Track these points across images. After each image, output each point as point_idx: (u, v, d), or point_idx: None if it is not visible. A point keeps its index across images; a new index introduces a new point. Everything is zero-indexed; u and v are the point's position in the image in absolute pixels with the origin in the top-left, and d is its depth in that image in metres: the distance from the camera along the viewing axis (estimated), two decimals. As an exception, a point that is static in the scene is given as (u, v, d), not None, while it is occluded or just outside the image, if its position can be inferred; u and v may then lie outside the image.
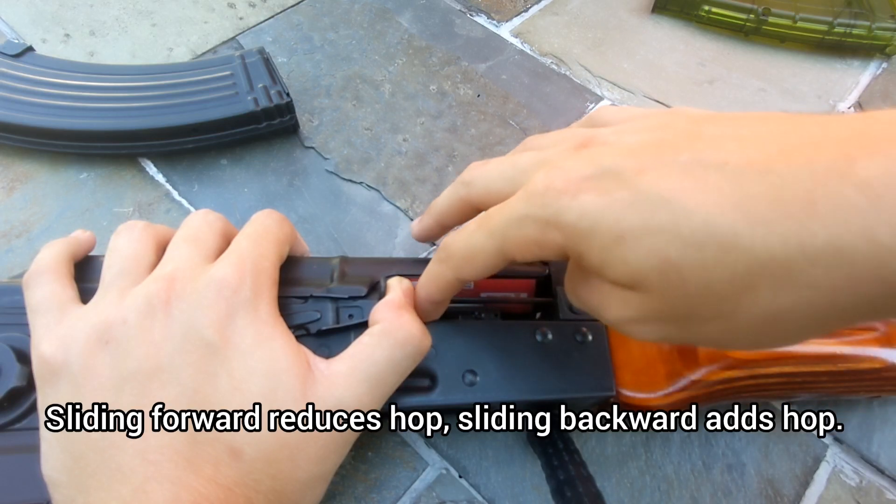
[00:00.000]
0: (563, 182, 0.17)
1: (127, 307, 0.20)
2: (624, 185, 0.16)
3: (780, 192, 0.14)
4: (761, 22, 0.48)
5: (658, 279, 0.16)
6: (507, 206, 0.19)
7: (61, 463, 0.19)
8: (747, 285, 0.14)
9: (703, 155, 0.15)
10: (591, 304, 0.19)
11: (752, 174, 0.14)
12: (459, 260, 0.21)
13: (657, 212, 0.15)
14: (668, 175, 0.15)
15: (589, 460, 0.28)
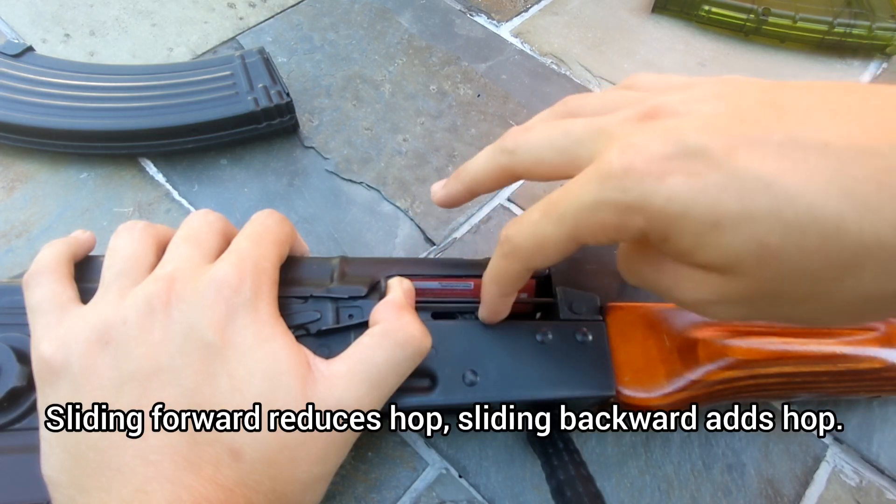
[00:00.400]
0: (644, 162, 0.16)
1: (127, 307, 0.20)
2: (715, 167, 0.15)
3: (886, 175, 0.13)
4: (761, 22, 0.48)
5: (754, 264, 0.15)
6: (577, 190, 0.18)
7: (61, 463, 0.19)
8: (851, 270, 0.14)
9: (799, 132, 0.14)
10: (660, 285, 0.19)
11: (855, 154, 0.13)
12: (528, 251, 0.20)
13: (757, 196, 0.14)
14: (764, 156, 0.14)
15: (589, 460, 0.28)
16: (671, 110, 0.17)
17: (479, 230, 0.37)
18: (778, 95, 0.16)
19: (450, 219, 0.37)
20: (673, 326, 0.26)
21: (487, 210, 0.38)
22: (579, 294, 0.26)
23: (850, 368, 0.26)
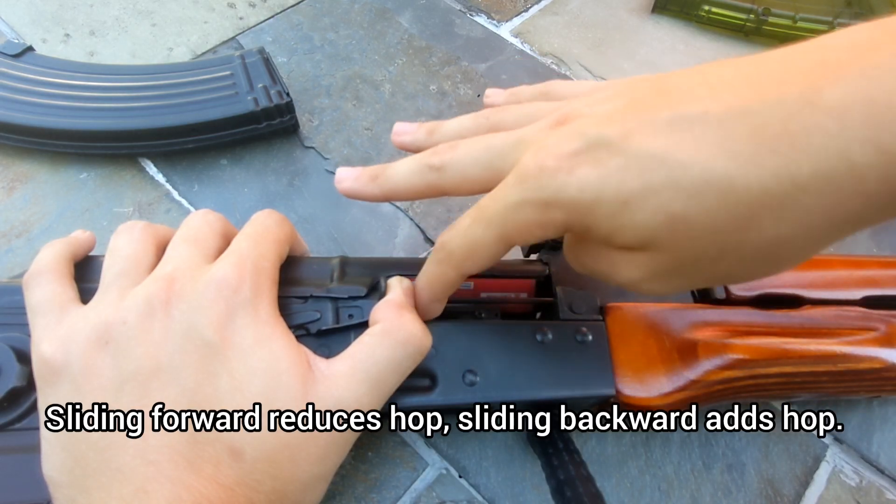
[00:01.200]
0: (554, 160, 0.17)
1: (127, 307, 0.20)
2: (616, 152, 0.16)
3: (761, 131, 0.14)
4: (761, 22, 0.48)
5: (668, 234, 0.16)
6: (501, 194, 0.19)
7: (62, 463, 0.19)
8: (750, 221, 0.15)
9: (682, 108, 0.16)
10: (599, 271, 0.20)
11: (732, 117, 0.15)
12: (461, 257, 0.21)
13: (655, 171, 0.16)
14: (655, 133, 0.16)
15: (589, 460, 0.28)
16: (578, 113, 0.19)
17: (479, 230, 0.37)
18: (665, 82, 0.18)
19: (450, 219, 0.37)
20: (673, 326, 0.26)
21: (487, 210, 0.38)
22: (579, 294, 0.26)
23: (850, 368, 0.26)
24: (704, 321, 0.26)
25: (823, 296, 0.28)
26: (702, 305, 0.27)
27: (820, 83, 0.14)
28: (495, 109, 0.24)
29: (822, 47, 0.15)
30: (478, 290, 0.27)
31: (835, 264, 0.29)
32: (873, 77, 0.13)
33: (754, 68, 0.16)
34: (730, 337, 0.26)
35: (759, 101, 0.15)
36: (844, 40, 0.15)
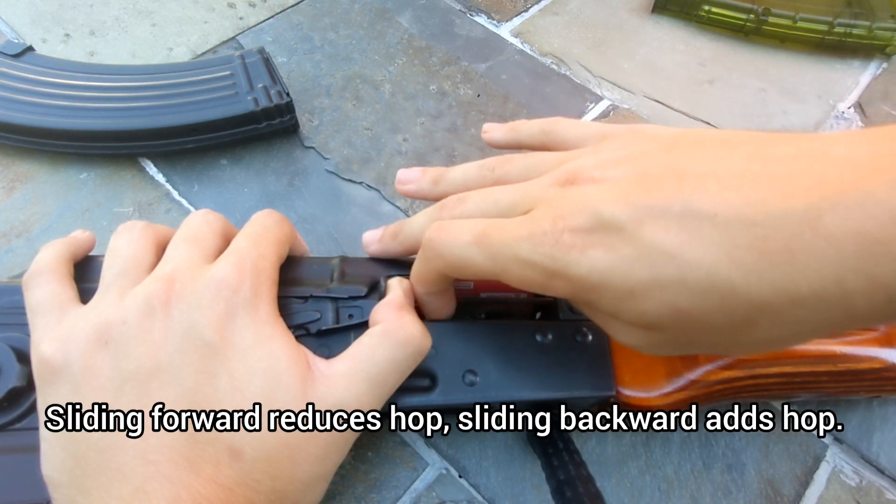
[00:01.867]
0: (570, 235, 0.18)
1: (127, 307, 0.20)
2: (628, 240, 0.17)
3: (764, 243, 0.15)
4: (761, 22, 0.48)
5: (670, 322, 0.17)
6: (513, 240, 0.19)
7: (61, 463, 0.19)
8: (746, 324, 0.16)
9: (693, 203, 0.16)
10: (601, 325, 0.21)
11: (738, 225, 0.16)
12: (450, 266, 0.21)
13: (664, 267, 0.16)
14: (667, 228, 0.17)
15: (589, 460, 0.28)
16: (588, 176, 0.20)
17: (479, 230, 0.37)
18: (678, 159, 0.18)
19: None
20: (673, 326, 0.26)
21: (487, 210, 0.38)
22: (579, 294, 0.26)
23: (849, 368, 0.26)
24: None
25: None
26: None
27: (821, 205, 0.15)
28: (500, 160, 0.25)
29: (827, 160, 0.16)
30: (478, 290, 0.27)
31: None
32: (869, 208, 0.14)
33: (762, 167, 0.16)
34: (730, 337, 0.26)
35: (764, 213, 0.15)
36: (848, 155, 0.15)
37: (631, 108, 0.45)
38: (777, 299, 0.15)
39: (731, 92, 0.46)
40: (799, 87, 0.47)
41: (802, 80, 0.47)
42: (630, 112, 0.44)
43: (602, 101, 0.45)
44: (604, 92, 0.46)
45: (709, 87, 0.47)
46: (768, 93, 0.46)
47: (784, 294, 0.15)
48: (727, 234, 0.16)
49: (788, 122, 0.45)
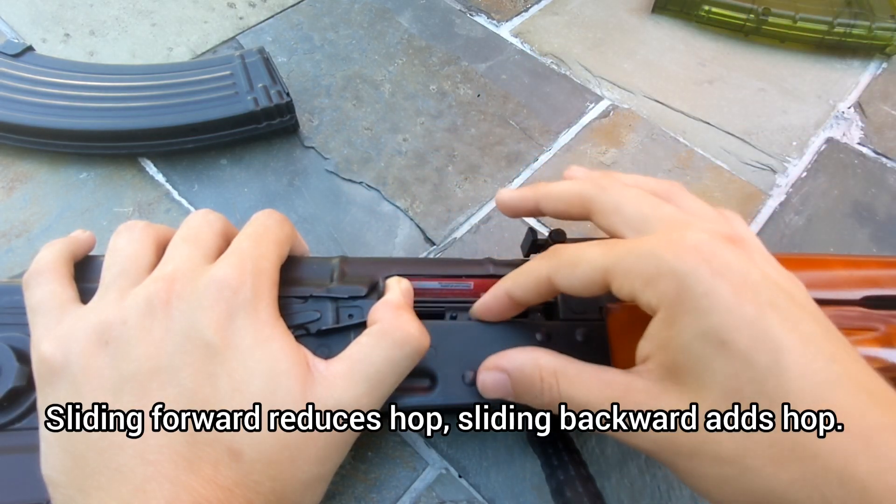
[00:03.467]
0: (752, 295, 0.19)
1: (127, 307, 0.20)
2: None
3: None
4: (761, 22, 0.48)
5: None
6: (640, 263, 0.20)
7: (61, 463, 0.19)
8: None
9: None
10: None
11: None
12: (569, 282, 0.21)
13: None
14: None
15: (589, 460, 0.28)
16: (746, 245, 0.21)
17: (478, 230, 0.37)
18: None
19: (450, 219, 0.37)
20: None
21: (487, 210, 0.38)
22: (579, 294, 0.26)
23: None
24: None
25: (823, 296, 0.28)
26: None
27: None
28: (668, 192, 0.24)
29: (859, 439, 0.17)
30: (478, 290, 0.27)
31: (834, 264, 0.29)
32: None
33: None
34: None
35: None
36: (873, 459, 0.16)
37: (631, 108, 0.45)
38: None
39: (731, 92, 0.46)
40: (799, 86, 0.47)
41: (802, 80, 0.47)
42: (630, 112, 0.44)
43: (602, 101, 0.45)
44: (604, 92, 0.46)
45: (709, 86, 0.47)
46: (768, 93, 0.46)
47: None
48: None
49: (788, 122, 0.45)
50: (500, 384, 0.23)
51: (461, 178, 0.39)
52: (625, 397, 0.20)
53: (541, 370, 0.22)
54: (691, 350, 0.18)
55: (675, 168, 0.41)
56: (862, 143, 0.44)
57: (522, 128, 0.42)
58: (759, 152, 0.43)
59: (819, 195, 0.41)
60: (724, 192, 0.40)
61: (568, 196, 0.24)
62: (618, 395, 0.20)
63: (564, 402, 0.21)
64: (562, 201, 0.25)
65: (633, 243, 0.20)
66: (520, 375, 0.22)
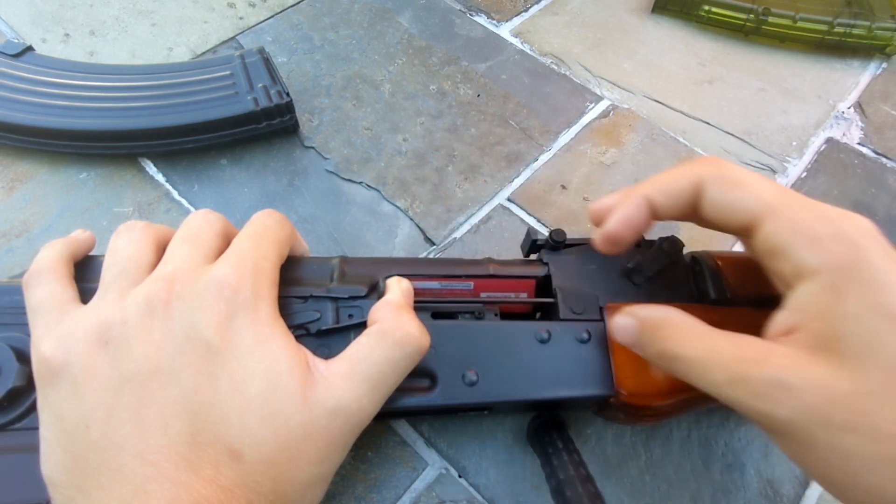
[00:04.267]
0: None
1: (127, 307, 0.20)
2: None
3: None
4: (761, 22, 0.48)
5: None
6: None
7: (61, 463, 0.19)
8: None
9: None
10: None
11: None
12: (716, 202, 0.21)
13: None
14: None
15: (589, 460, 0.28)
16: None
17: (479, 230, 0.37)
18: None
19: (450, 219, 0.37)
20: (673, 326, 0.26)
21: (487, 210, 0.38)
22: (579, 294, 0.26)
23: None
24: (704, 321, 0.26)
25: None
26: (701, 306, 0.27)
27: None
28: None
29: None
30: (478, 290, 0.27)
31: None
32: None
33: None
34: (730, 337, 0.26)
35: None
36: None
37: (631, 108, 0.45)
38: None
39: (731, 92, 0.46)
40: (799, 87, 0.47)
41: (802, 80, 0.47)
42: (630, 112, 0.44)
43: (602, 101, 0.45)
44: (604, 92, 0.46)
45: (709, 86, 0.47)
46: (768, 92, 0.46)
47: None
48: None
49: (788, 122, 0.45)
50: (627, 329, 0.23)
51: (461, 178, 0.39)
52: (763, 360, 0.19)
53: (665, 320, 0.22)
54: (861, 321, 0.18)
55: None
56: (862, 143, 0.44)
57: (522, 128, 0.42)
58: (759, 152, 0.43)
59: (819, 195, 0.41)
60: (724, 192, 0.40)
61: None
62: (753, 356, 0.19)
63: (677, 356, 0.21)
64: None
65: (804, 199, 0.20)
66: (646, 324, 0.22)
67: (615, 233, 0.23)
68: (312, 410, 0.19)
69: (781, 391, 0.18)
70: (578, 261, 0.28)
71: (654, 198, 0.23)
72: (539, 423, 0.27)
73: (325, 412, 0.20)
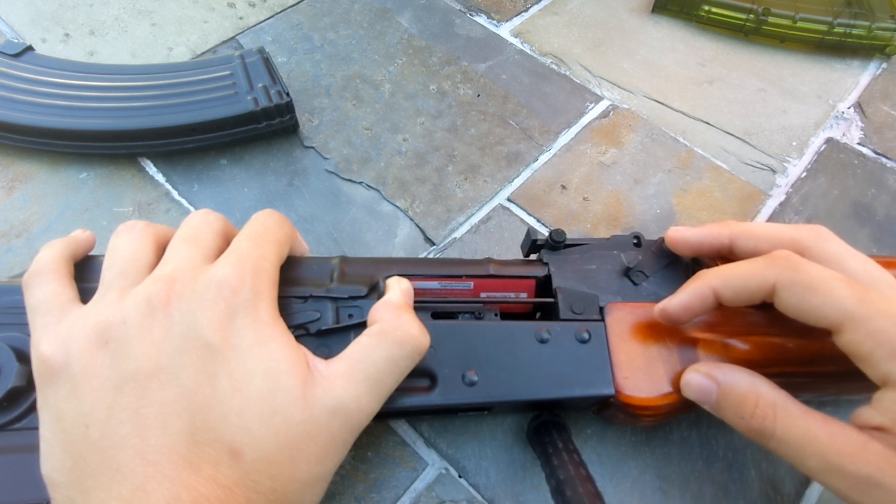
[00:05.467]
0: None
1: (127, 307, 0.20)
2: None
3: None
4: (761, 22, 0.48)
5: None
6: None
7: (61, 463, 0.19)
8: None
9: None
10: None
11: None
12: (802, 294, 0.21)
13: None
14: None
15: (589, 460, 0.28)
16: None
17: (479, 230, 0.37)
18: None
19: (449, 219, 0.37)
20: (673, 326, 0.26)
21: (487, 210, 0.38)
22: (579, 294, 0.26)
23: (850, 368, 0.26)
24: (704, 321, 0.26)
25: None
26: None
27: None
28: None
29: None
30: (478, 290, 0.27)
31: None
32: None
33: None
34: (730, 337, 0.26)
35: None
36: None
37: (631, 108, 0.45)
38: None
39: (731, 92, 0.46)
40: (799, 87, 0.47)
41: (802, 80, 0.47)
42: (630, 112, 0.44)
43: (602, 101, 0.45)
44: (604, 92, 0.46)
45: (709, 86, 0.47)
46: (768, 93, 0.46)
47: None
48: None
49: (788, 122, 0.45)
50: (705, 390, 0.23)
51: (461, 178, 0.39)
52: (859, 456, 0.19)
53: (759, 396, 0.22)
54: None
55: (674, 168, 0.41)
56: (862, 143, 0.44)
57: (522, 128, 0.42)
58: (758, 152, 0.43)
59: (819, 195, 0.41)
60: (724, 192, 0.40)
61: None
62: (850, 451, 0.20)
63: (774, 437, 0.21)
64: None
65: (888, 303, 0.20)
66: (731, 392, 0.22)
67: (673, 315, 0.24)
68: (312, 410, 0.19)
69: (878, 491, 0.19)
70: (578, 261, 0.28)
71: (722, 293, 0.23)
72: (539, 423, 0.27)
73: (324, 411, 0.20)
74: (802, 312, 0.21)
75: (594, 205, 0.39)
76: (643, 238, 0.29)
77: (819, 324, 0.21)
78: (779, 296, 0.22)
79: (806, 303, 0.21)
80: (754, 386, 0.22)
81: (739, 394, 0.22)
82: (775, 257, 0.22)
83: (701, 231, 0.26)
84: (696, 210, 0.39)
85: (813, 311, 0.21)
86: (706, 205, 0.39)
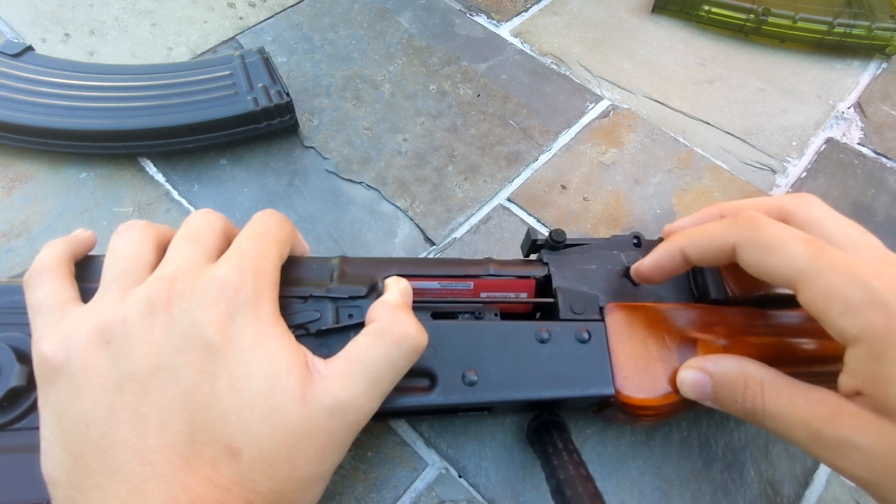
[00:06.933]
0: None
1: (128, 307, 0.20)
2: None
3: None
4: (761, 22, 0.48)
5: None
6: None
7: (61, 462, 0.19)
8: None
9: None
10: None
11: None
12: (759, 249, 0.21)
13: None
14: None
15: (589, 460, 0.28)
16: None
17: (478, 230, 0.37)
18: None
19: (449, 219, 0.37)
20: (673, 326, 0.26)
21: (487, 210, 0.38)
22: (579, 294, 0.26)
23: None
24: (704, 321, 0.26)
25: None
26: (701, 306, 0.27)
27: None
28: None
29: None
30: (478, 290, 0.27)
31: None
32: None
33: None
34: (730, 337, 0.26)
35: None
36: None
37: (631, 108, 0.45)
38: None
39: (731, 92, 0.46)
40: (798, 87, 0.47)
41: (802, 80, 0.47)
42: (630, 112, 0.44)
43: (602, 101, 0.45)
44: (603, 92, 0.46)
45: (709, 87, 0.47)
46: (768, 93, 0.46)
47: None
48: None
49: (788, 122, 0.45)
50: (699, 384, 0.23)
51: (461, 178, 0.39)
52: (836, 419, 0.19)
53: (747, 377, 0.22)
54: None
55: (674, 168, 0.41)
56: (862, 143, 0.44)
57: (522, 128, 0.42)
58: (758, 152, 0.43)
59: (819, 195, 0.40)
60: (724, 192, 0.40)
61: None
62: (827, 413, 0.20)
63: (765, 413, 0.21)
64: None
65: (842, 259, 0.20)
66: (723, 379, 0.22)
67: (645, 273, 0.26)
68: (311, 409, 0.19)
69: (855, 452, 0.19)
70: (578, 261, 0.28)
71: (689, 252, 0.24)
72: (539, 423, 0.27)
73: (323, 410, 0.20)
74: (761, 271, 0.21)
75: (594, 205, 0.39)
76: (643, 238, 0.29)
77: (777, 282, 0.21)
78: (739, 255, 0.22)
79: (763, 261, 0.21)
80: (742, 367, 0.22)
81: (731, 378, 0.22)
82: (738, 217, 0.22)
83: (695, 217, 0.27)
84: (696, 210, 0.39)
85: (769, 270, 0.21)
86: (706, 205, 0.39)
